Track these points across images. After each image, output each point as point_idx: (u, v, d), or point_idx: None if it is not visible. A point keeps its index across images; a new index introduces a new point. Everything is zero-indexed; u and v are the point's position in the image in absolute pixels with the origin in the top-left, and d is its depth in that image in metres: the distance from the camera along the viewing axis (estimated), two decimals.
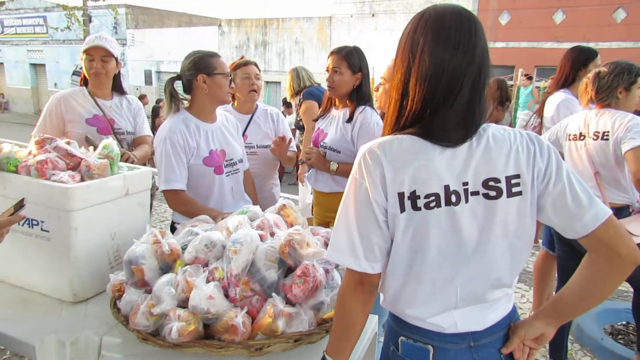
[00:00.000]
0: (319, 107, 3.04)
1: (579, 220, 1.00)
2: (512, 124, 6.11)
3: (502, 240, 1.04)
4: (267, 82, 17.26)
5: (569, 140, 2.55)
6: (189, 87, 2.16)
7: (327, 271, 1.50)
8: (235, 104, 2.77)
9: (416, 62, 1.02)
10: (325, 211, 2.51)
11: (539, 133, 3.13)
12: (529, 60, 12.56)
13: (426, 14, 1.05)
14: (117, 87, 2.68)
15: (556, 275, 2.84)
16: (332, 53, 2.45)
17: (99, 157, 1.78)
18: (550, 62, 13.12)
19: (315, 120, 2.67)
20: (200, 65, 2.10)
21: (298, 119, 5.66)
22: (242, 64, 2.69)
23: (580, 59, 3.00)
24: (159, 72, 20.34)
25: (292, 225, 1.69)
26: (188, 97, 2.21)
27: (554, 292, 3.05)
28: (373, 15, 15.09)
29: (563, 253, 2.67)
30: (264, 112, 2.81)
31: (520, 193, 1.02)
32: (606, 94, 2.44)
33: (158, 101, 13.04)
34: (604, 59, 10.56)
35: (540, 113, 3.22)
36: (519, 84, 9.11)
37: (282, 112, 10.26)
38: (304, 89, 3.99)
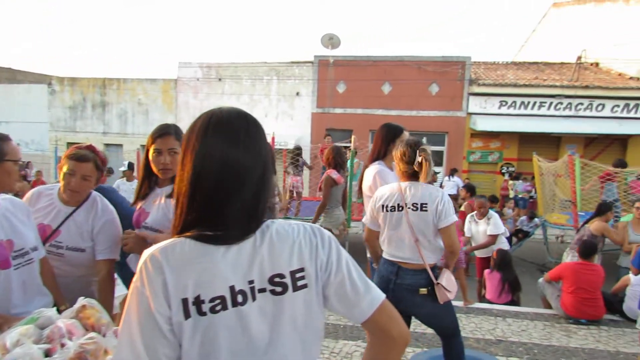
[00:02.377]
0: None
1: (358, 307, 1.07)
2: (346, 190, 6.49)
3: (293, 334, 1.05)
4: (106, 145, 16.11)
5: (387, 211, 2.76)
6: None
7: None
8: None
9: (201, 161, 1.02)
10: None
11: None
12: (364, 125, 13.80)
13: (213, 115, 1.07)
14: None
15: None
16: (166, 134, 2.21)
17: None
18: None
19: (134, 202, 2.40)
20: None
21: None
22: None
23: (389, 135, 3.34)
24: None
25: (93, 329, 1.46)
26: None
27: None
28: (220, 79, 15.30)
29: None
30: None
31: (305, 286, 1.05)
32: (410, 168, 2.76)
33: None
34: (423, 126, 12.04)
35: (360, 183, 3.48)
36: (353, 147, 9.84)
37: (126, 176, 9.64)
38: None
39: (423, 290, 2.68)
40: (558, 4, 19.51)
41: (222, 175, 1.00)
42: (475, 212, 6.18)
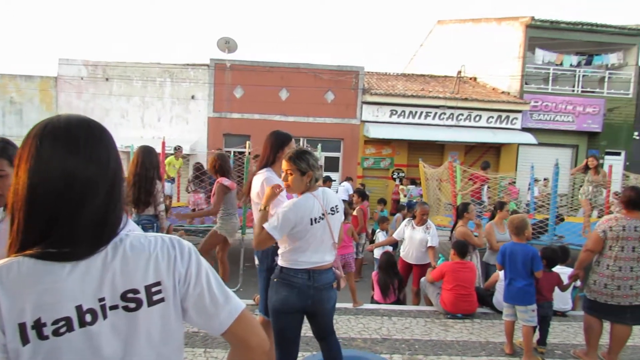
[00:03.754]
0: None
1: (217, 319, 1.07)
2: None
3: (148, 350, 1.02)
4: None
5: (316, 222, 2.72)
6: None
7: None
8: None
9: (36, 172, 0.94)
10: None
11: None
12: (262, 131, 13.49)
13: (49, 122, 0.98)
14: None
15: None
16: None
17: None
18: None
19: None
20: None
21: None
22: None
23: (278, 142, 3.34)
24: None
25: None
26: None
27: None
28: (107, 79, 14.32)
29: None
30: None
31: (162, 300, 1.02)
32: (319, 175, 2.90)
33: None
34: (320, 132, 12.23)
35: (248, 189, 3.42)
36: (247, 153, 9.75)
37: None
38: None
39: (334, 284, 2.86)
40: (442, 22, 21.14)
41: (61, 188, 0.93)
42: (412, 217, 6.13)
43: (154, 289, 1.00)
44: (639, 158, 16.07)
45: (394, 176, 15.17)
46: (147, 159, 4.66)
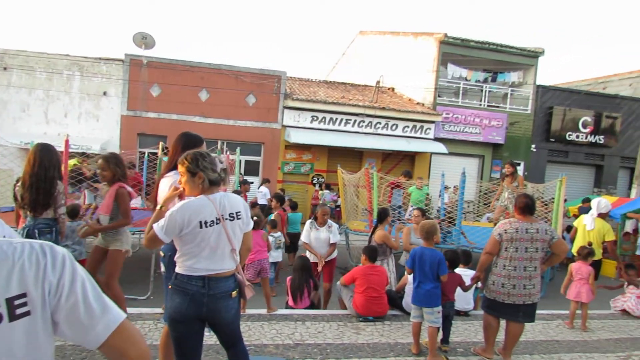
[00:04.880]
0: None
1: (92, 332, 1.00)
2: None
3: None
4: None
5: (207, 226, 2.62)
6: None
7: None
8: None
9: None
10: None
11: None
12: (179, 132, 13.17)
13: None
14: None
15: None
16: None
17: None
18: (199, 134, 14.25)
19: None
20: None
21: None
22: None
23: (189, 145, 3.21)
24: None
25: None
26: None
27: None
28: (5, 68, 13.11)
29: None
30: None
31: (28, 313, 0.94)
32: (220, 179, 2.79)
33: None
34: (240, 136, 12.10)
35: (156, 193, 3.27)
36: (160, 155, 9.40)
37: None
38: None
39: (235, 293, 2.74)
40: (363, 32, 21.80)
41: None
42: (318, 219, 6.30)
43: (17, 302, 0.91)
44: (536, 168, 17.59)
45: (314, 181, 15.33)
46: (46, 157, 4.29)
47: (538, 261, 4.33)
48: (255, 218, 5.60)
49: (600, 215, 7.89)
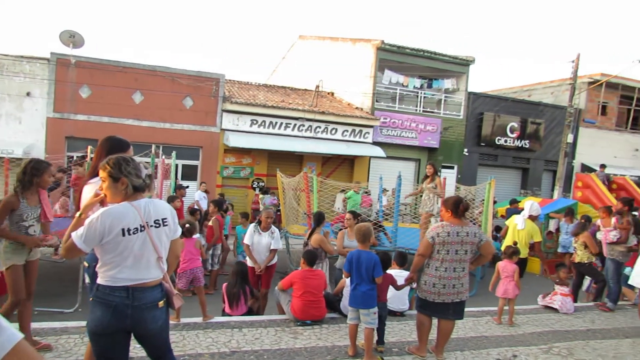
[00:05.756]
0: None
1: None
2: None
3: None
4: None
5: (130, 234, 2.50)
6: None
7: None
8: None
9: None
10: None
11: None
12: (113, 134, 12.68)
13: None
14: None
15: None
16: None
17: None
18: (131, 137, 13.69)
19: None
20: None
21: None
22: None
23: (114, 150, 3.08)
24: None
25: None
26: None
27: None
28: None
29: None
30: None
31: None
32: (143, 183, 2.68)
33: None
34: (177, 139, 11.76)
35: (78, 200, 3.11)
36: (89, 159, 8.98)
37: None
38: None
39: (162, 303, 2.64)
40: (303, 37, 21.92)
41: None
42: (262, 223, 6.22)
43: None
44: (468, 171, 18.42)
45: (254, 185, 15.18)
46: None
47: (467, 262, 4.52)
48: (187, 225, 5.46)
49: (531, 217, 8.43)
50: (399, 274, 5.51)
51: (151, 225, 2.56)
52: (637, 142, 21.87)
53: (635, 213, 11.05)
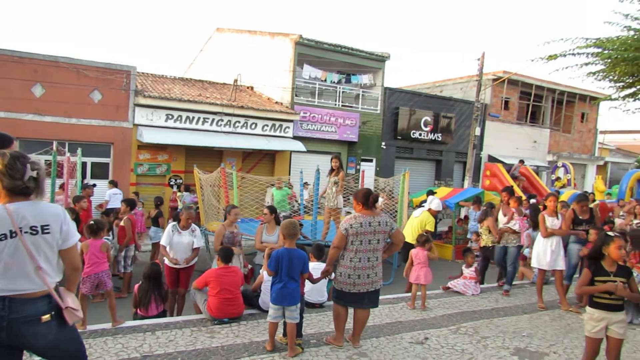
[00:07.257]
0: None
1: None
2: None
3: None
4: None
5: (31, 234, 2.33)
6: None
7: None
8: None
9: None
10: None
11: None
12: (9, 131, 11.52)
13: None
14: None
15: None
16: None
17: None
18: (31, 134, 12.67)
19: None
20: None
21: None
22: None
23: (5, 145, 2.82)
24: None
25: None
26: None
27: None
28: None
29: None
30: None
31: None
32: (21, 185, 2.42)
33: None
34: (85, 135, 11.01)
35: None
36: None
37: None
38: None
39: (46, 317, 2.39)
40: (221, 29, 21.40)
41: None
42: (181, 222, 6.05)
43: None
44: (386, 164, 19.04)
45: (171, 183, 14.63)
46: None
47: (380, 251, 4.66)
48: (92, 222, 5.13)
49: (430, 211, 9.13)
50: (317, 267, 5.57)
51: (25, 232, 2.34)
52: (536, 135, 23.83)
53: (534, 200, 12.06)
